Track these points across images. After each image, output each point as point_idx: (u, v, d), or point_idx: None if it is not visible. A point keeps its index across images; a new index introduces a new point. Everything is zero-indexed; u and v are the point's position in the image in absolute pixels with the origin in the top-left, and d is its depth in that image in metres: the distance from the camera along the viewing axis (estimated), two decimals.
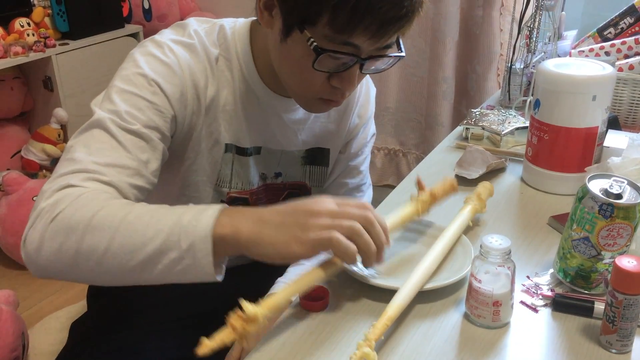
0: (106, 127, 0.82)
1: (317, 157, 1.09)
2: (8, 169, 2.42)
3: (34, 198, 2.17)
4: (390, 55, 0.86)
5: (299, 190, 1.10)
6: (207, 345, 0.66)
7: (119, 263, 0.72)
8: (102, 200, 0.75)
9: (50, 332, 1.34)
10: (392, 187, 1.16)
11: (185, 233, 0.71)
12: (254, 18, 0.94)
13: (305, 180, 1.10)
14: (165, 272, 0.72)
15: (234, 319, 0.68)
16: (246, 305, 0.68)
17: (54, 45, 2.41)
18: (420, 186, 0.95)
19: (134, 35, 2.71)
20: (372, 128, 1.15)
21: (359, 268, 0.86)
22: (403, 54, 0.88)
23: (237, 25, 0.96)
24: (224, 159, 0.99)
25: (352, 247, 0.73)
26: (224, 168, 0.99)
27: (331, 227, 0.72)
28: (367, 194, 1.21)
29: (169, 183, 0.97)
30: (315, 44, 0.80)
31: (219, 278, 0.73)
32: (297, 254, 0.72)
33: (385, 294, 0.78)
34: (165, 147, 0.88)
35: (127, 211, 0.74)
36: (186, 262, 0.71)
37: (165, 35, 0.92)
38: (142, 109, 0.84)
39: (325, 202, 0.75)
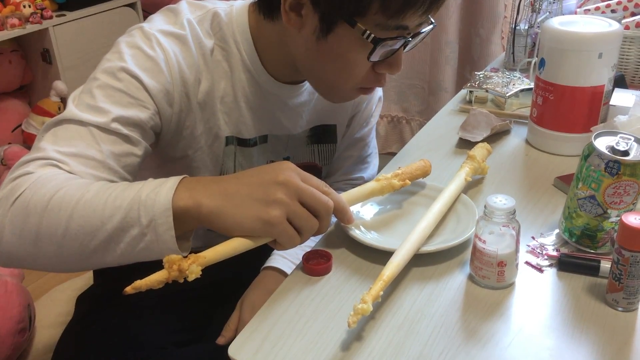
0: (79, 120, 0.78)
1: (323, 134, 1.06)
2: (9, 143, 2.41)
3: None
4: (425, 30, 0.83)
5: (309, 170, 1.08)
6: (136, 285, 0.64)
7: (79, 245, 0.69)
8: (61, 181, 0.72)
9: (56, 304, 1.35)
10: (396, 154, 1.15)
11: (145, 208, 0.68)
12: (250, 1, 0.90)
13: (314, 159, 1.08)
14: (128, 250, 0.70)
15: (173, 266, 0.66)
16: (185, 261, 0.66)
17: (51, 17, 2.38)
18: (400, 178, 0.89)
19: (132, 6, 2.68)
20: (378, 93, 1.12)
21: (361, 232, 0.85)
22: (434, 24, 0.85)
23: (233, 11, 0.90)
24: (225, 153, 0.95)
25: (296, 239, 0.72)
26: (226, 161, 0.96)
27: (288, 212, 0.70)
28: (373, 164, 1.19)
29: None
30: (372, 35, 0.77)
31: (184, 254, 0.70)
32: (257, 231, 0.70)
33: (389, 257, 0.77)
34: (148, 144, 0.84)
35: (84, 190, 0.70)
36: (148, 238, 0.69)
37: (155, 25, 0.86)
38: (124, 105, 0.80)
39: (291, 175, 0.71)
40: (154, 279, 0.65)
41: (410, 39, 0.81)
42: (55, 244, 0.70)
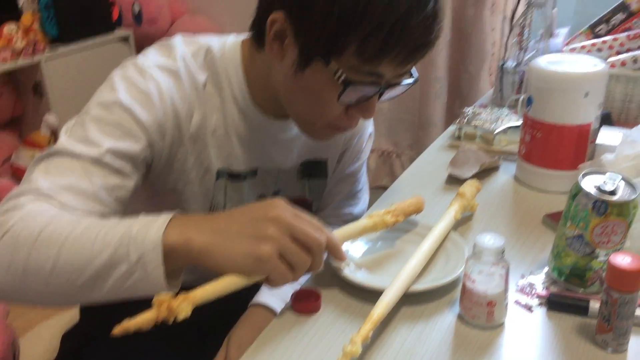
0: (71, 152, 0.78)
1: (314, 169, 1.06)
2: None
3: None
4: (405, 82, 0.84)
5: (300, 205, 1.07)
6: (124, 326, 0.63)
7: (67, 281, 0.68)
8: (51, 215, 0.71)
9: (41, 341, 1.32)
10: (386, 188, 1.15)
11: (135, 244, 0.67)
12: (243, 37, 0.91)
13: (305, 194, 1.08)
14: (116, 287, 0.69)
15: (162, 305, 0.65)
16: (174, 300, 0.65)
17: (43, 51, 2.39)
18: (393, 214, 0.89)
19: (124, 40, 2.70)
20: (369, 129, 1.13)
21: (350, 270, 0.85)
22: (416, 78, 0.86)
23: (226, 46, 0.91)
24: (216, 187, 0.95)
25: (288, 276, 0.70)
26: (216, 195, 0.96)
27: (280, 247, 0.69)
28: (363, 199, 1.18)
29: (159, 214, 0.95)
30: (344, 76, 0.77)
31: (173, 291, 0.69)
32: (249, 267, 0.69)
33: (378, 295, 0.77)
34: (139, 176, 0.84)
35: (74, 225, 0.70)
36: (136, 275, 0.68)
37: (150, 59, 0.87)
38: (116, 138, 0.80)
39: (282, 212, 0.71)
40: (143, 319, 0.64)
41: (386, 88, 0.81)
42: (42, 279, 0.69)
